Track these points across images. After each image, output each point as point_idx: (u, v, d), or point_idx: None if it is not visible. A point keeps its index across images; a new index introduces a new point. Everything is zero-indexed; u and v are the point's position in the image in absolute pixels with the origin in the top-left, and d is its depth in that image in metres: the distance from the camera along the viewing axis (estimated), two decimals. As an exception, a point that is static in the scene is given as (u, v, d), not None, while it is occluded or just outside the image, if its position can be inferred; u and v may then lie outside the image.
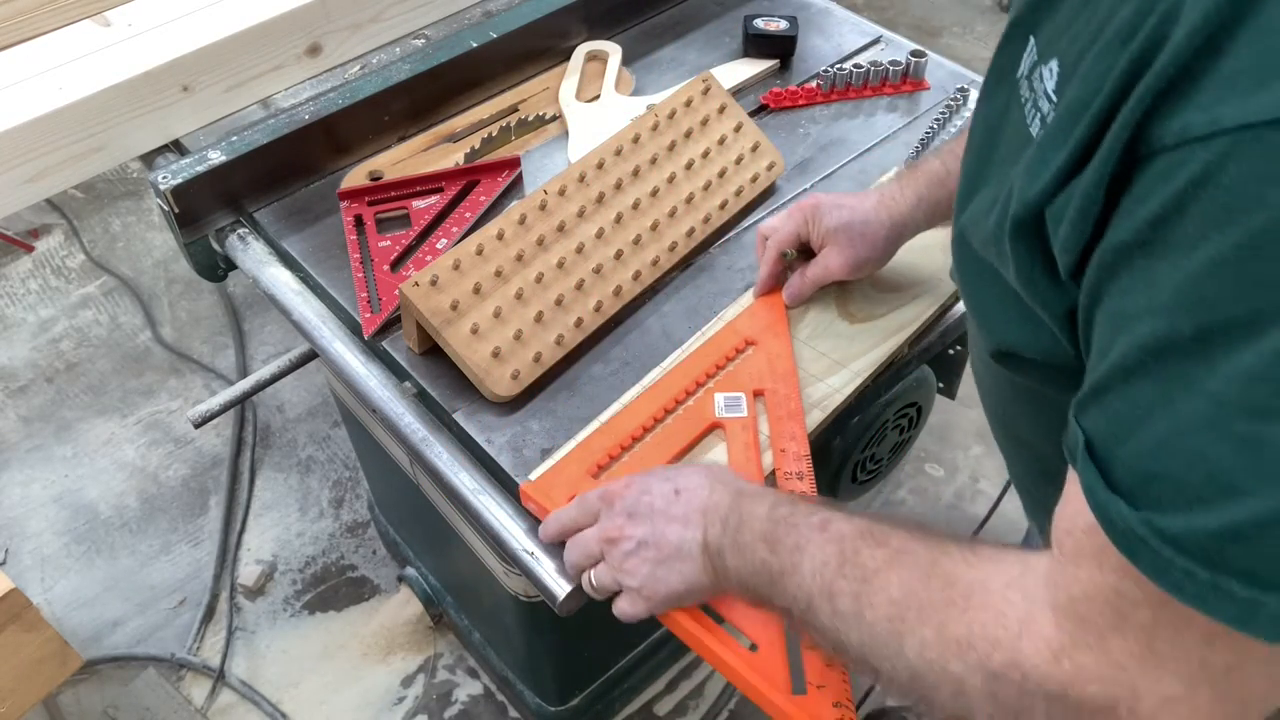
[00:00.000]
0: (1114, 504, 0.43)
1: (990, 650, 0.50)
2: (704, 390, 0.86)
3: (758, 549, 0.62)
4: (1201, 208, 0.39)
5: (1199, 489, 0.40)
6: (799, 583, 0.59)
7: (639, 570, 0.68)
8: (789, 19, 1.22)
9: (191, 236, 1.05)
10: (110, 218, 2.49)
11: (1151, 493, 0.42)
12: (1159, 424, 0.42)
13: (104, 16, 1.12)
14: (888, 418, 1.02)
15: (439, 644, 1.70)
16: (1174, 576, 0.41)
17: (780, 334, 0.91)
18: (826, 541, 0.59)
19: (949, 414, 1.95)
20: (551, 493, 0.78)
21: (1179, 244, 0.40)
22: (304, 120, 1.05)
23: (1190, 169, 0.39)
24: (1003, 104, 0.58)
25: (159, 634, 1.71)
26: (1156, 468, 0.42)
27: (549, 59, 1.23)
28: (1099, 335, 0.47)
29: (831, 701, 0.66)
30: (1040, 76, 0.51)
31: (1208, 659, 0.43)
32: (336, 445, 2.01)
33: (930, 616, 0.53)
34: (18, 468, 1.96)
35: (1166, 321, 0.41)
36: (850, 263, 0.89)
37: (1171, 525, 0.41)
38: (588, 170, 0.96)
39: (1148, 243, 0.42)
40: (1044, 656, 0.48)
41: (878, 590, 0.55)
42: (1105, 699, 0.46)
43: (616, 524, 0.70)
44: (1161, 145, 0.40)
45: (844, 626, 0.57)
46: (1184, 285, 0.40)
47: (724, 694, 1.65)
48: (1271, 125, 0.36)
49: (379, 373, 0.91)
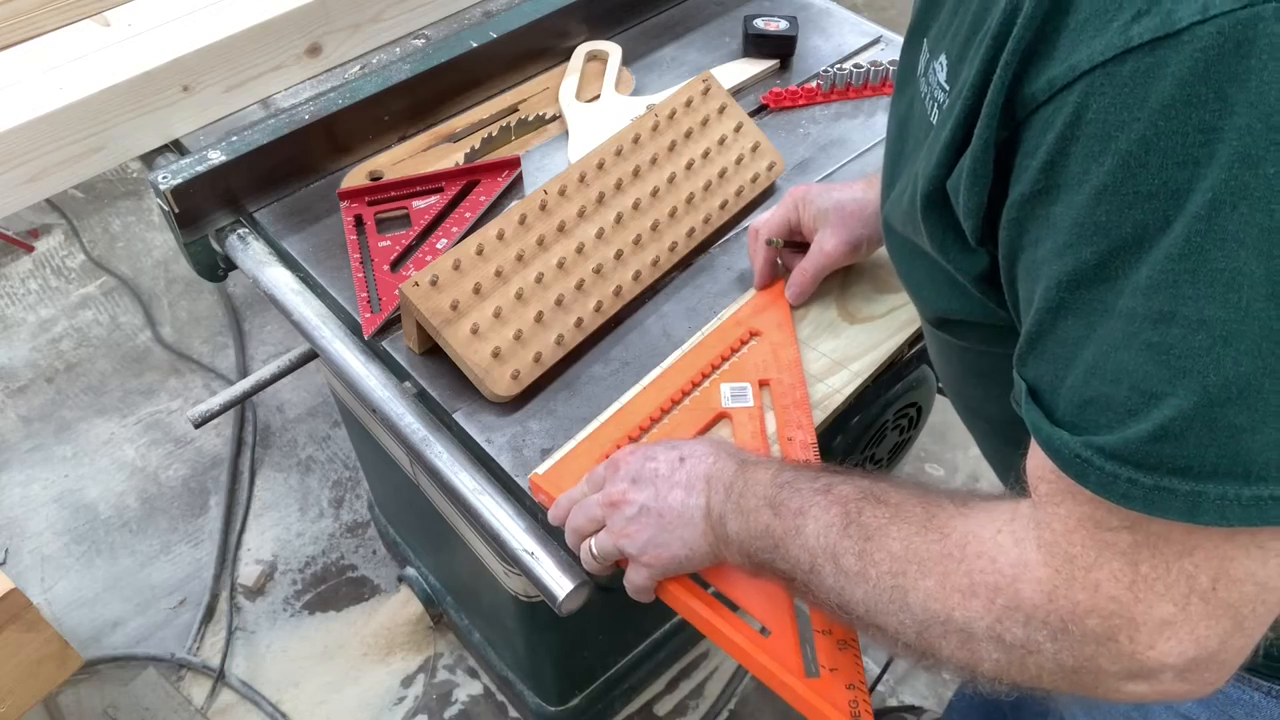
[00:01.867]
0: (1057, 435, 0.47)
1: (992, 596, 0.52)
2: (710, 381, 0.87)
3: (761, 513, 0.63)
4: (1080, 146, 0.43)
5: (1126, 402, 0.44)
6: (803, 544, 0.60)
7: (640, 535, 0.68)
8: (789, 19, 1.22)
9: (191, 236, 1.05)
10: (110, 218, 2.49)
11: (1088, 417, 0.46)
12: (1087, 353, 0.45)
13: (104, 16, 1.12)
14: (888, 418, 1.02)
15: (439, 644, 1.70)
16: (1120, 488, 0.44)
17: (784, 324, 0.91)
18: (830, 504, 0.60)
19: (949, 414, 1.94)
20: (562, 484, 0.78)
21: (1068, 183, 0.44)
22: (304, 120, 1.05)
23: (1064, 114, 0.43)
24: (908, 102, 0.63)
25: (159, 634, 1.71)
26: (1089, 393, 0.45)
27: (549, 59, 1.23)
28: (1023, 289, 0.50)
29: (845, 684, 0.66)
30: (933, 71, 0.56)
31: (1192, 574, 0.46)
32: (336, 445, 2.01)
33: (931, 568, 0.54)
34: (18, 468, 1.96)
35: (1073, 256, 0.45)
36: (845, 242, 0.89)
37: (1109, 441, 0.44)
38: (588, 170, 0.96)
39: (1043, 190, 0.46)
40: (1041, 596, 0.50)
41: (880, 548, 0.57)
42: (1105, 630, 0.48)
43: (620, 489, 0.70)
44: (1036, 101, 0.45)
45: (848, 585, 0.58)
46: (1079, 218, 0.44)
47: (724, 694, 1.65)
48: (1115, 60, 0.41)
49: (379, 373, 0.91)
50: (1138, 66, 0.40)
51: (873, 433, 1.01)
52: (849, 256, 0.90)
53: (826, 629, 0.69)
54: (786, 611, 0.71)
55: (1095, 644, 0.48)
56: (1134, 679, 0.49)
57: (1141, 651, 0.47)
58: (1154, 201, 0.41)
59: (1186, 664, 0.47)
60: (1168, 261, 0.41)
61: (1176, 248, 0.41)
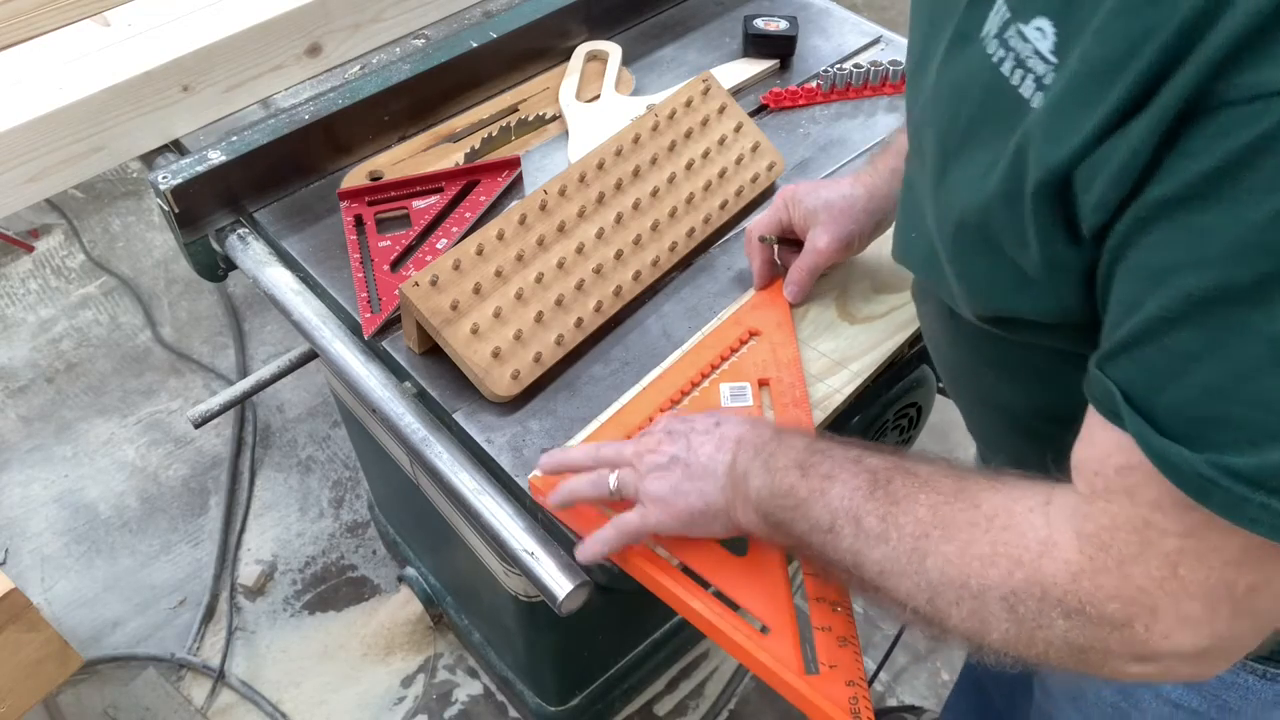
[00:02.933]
0: (1173, 449, 0.45)
1: (1012, 568, 0.52)
2: (709, 381, 0.87)
3: (789, 474, 0.64)
4: (1275, 159, 0.39)
5: (1268, 426, 0.42)
6: (825, 504, 0.61)
7: (664, 480, 0.70)
8: (789, 19, 1.22)
9: (191, 236, 1.05)
10: (110, 218, 2.49)
11: (1211, 435, 0.44)
12: (1209, 370, 0.43)
13: (104, 16, 1.12)
14: (888, 418, 1.02)
15: (439, 644, 1.70)
16: (1249, 511, 0.43)
17: (783, 324, 0.91)
18: (859, 470, 0.61)
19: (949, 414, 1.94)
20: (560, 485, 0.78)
21: (1242, 196, 0.41)
22: (304, 120, 1.05)
23: (1266, 122, 0.39)
24: (968, 67, 0.56)
25: (159, 634, 1.71)
26: (1215, 412, 0.44)
27: (549, 59, 1.23)
28: (1124, 289, 0.47)
29: (845, 681, 0.67)
30: (1021, 35, 0.50)
31: (1232, 581, 0.46)
32: (336, 445, 2.01)
33: (955, 535, 0.55)
34: (18, 468, 1.96)
35: (1219, 272, 0.42)
36: (838, 239, 0.89)
37: (1243, 464, 0.43)
38: (588, 170, 0.96)
39: (1195, 196, 0.42)
40: (1064, 575, 0.50)
41: (905, 512, 0.57)
42: (1123, 616, 0.48)
43: (655, 438, 0.73)
44: (1226, 101, 0.41)
45: (866, 547, 0.58)
46: (1244, 236, 0.41)
47: (724, 694, 1.65)
48: None
49: (379, 373, 0.91)
50: None
51: (873, 433, 1.01)
52: (842, 253, 0.91)
53: (826, 626, 0.69)
54: (786, 609, 0.71)
55: (1110, 628, 0.49)
56: (1142, 662, 0.49)
57: (1156, 640, 0.48)
58: None
59: (1198, 653, 0.48)
60: None
61: None
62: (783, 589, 0.72)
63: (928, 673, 1.69)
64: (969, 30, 0.55)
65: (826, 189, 0.90)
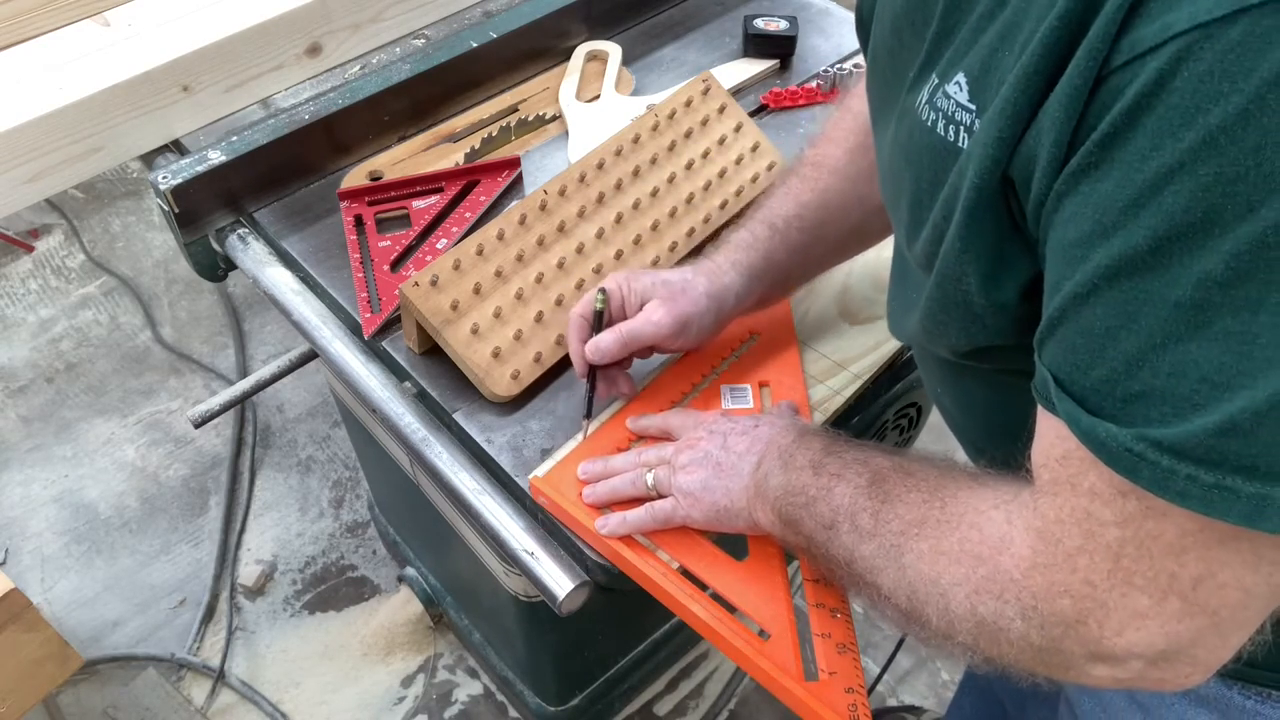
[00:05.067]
0: (1101, 427, 0.44)
1: (974, 565, 0.52)
2: (709, 382, 0.87)
3: (803, 473, 0.65)
4: (1153, 118, 0.39)
5: (1190, 395, 0.41)
6: (829, 502, 0.62)
7: (697, 474, 0.72)
8: (789, 19, 1.22)
9: (191, 236, 1.05)
10: (110, 218, 2.49)
11: (1137, 409, 0.43)
12: (1126, 343, 0.42)
13: (104, 16, 1.12)
14: (888, 418, 1.02)
15: (439, 644, 1.70)
16: (1177, 485, 0.42)
17: (783, 324, 0.91)
18: (863, 470, 0.63)
19: (949, 414, 1.95)
20: (562, 486, 0.78)
21: (1127, 160, 0.40)
22: (304, 120, 1.05)
23: (1141, 81, 0.39)
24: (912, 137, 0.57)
25: (159, 634, 1.71)
26: (1136, 385, 0.42)
27: (549, 59, 1.23)
28: (1049, 270, 0.47)
29: (844, 687, 0.67)
30: (945, 95, 0.52)
31: (1176, 573, 0.45)
32: (336, 445, 2.01)
33: (929, 532, 0.56)
34: (18, 468, 1.96)
35: (1119, 241, 0.41)
36: (674, 317, 0.78)
37: (1168, 435, 0.41)
38: (588, 170, 0.96)
39: (1094, 165, 0.42)
40: (1018, 572, 0.50)
41: (893, 510, 0.59)
42: (1074, 613, 0.48)
43: (697, 434, 0.75)
44: (1109, 68, 0.40)
45: (859, 544, 0.60)
46: (1134, 198, 0.40)
47: (724, 694, 1.65)
48: (1224, 20, 0.36)
49: (379, 373, 0.91)
50: (1252, 29, 0.36)
51: (873, 433, 1.01)
52: (674, 333, 0.79)
53: (826, 632, 0.69)
54: (786, 614, 0.71)
55: (1063, 626, 0.49)
56: (1099, 662, 0.49)
57: (1109, 638, 0.47)
58: (1240, 185, 0.37)
59: (1156, 655, 0.47)
60: (1260, 249, 0.37)
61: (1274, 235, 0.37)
62: (782, 594, 0.72)
63: (928, 673, 1.69)
64: (909, 106, 0.57)
65: (665, 273, 0.82)
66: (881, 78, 0.64)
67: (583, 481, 0.79)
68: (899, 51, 0.60)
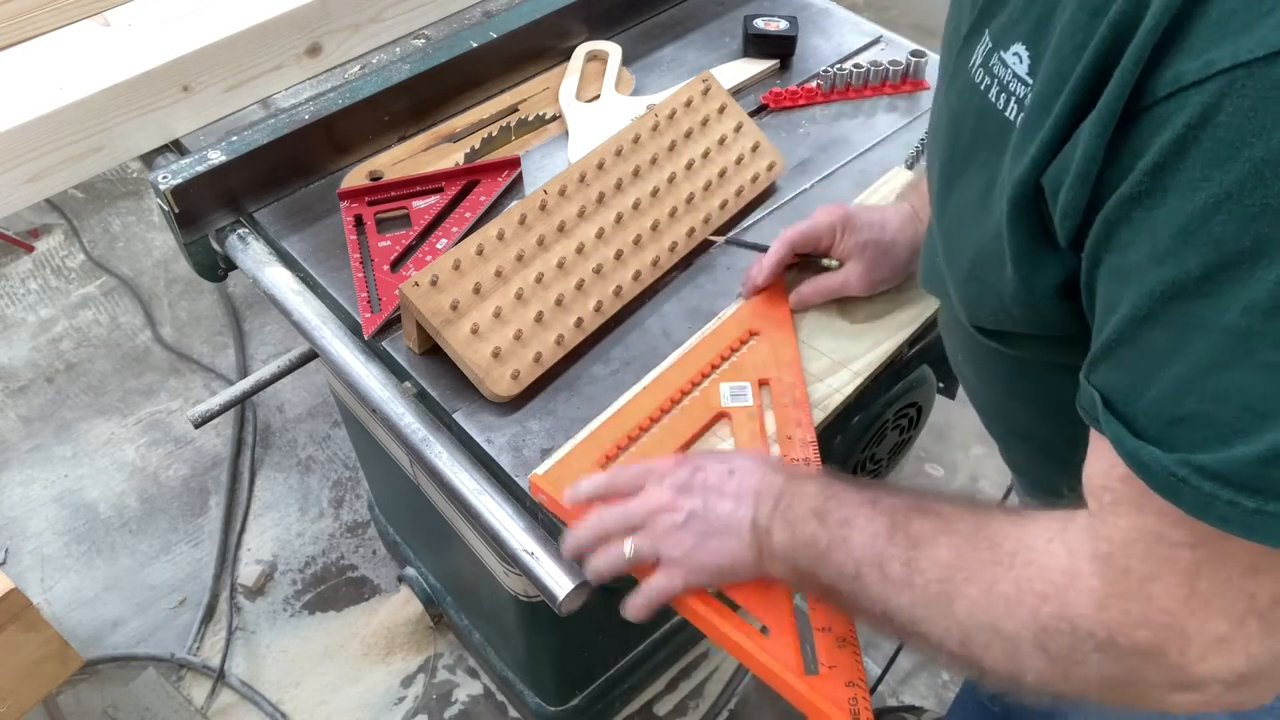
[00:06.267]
0: (1145, 450, 0.44)
1: (1038, 605, 0.51)
2: (709, 381, 0.87)
3: (808, 523, 0.63)
4: (1201, 149, 0.40)
5: (1234, 421, 0.41)
6: (848, 553, 0.60)
7: (685, 541, 0.68)
8: (789, 19, 1.22)
9: (191, 236, 1.05)
10: (110, 218, 2.49)
11: (1182, 434, 0.43)
12: (1176, 368, 0.43)
13: (104, 16, 1.12)
14: (888, 418, 1.02)
15: (439, 644, 1.70)
16: (1218, 510, 0.42)
17: (783, 324, 0.91)
18: (876, 513, 0.60)
19: (949, 414, 1.95)
20: (561, 484, 0.78)
21: (1178, 188, 0.41)
22: (304, 120, 1.05)
23: (1187, 113, 0.40)
24: (959, 97, 0.60)
25: (159, 634, 1.71)
26: (1183, 410, 0.43)
27: (549, 59, 1.23)
28: (1103, 294, 0.48)
29: (844, 681, 0.67)
30: (1002, 62, 0.53)
31: (1254, 593, 0.45)
32: (336, 445, 2.01)
33: (978, 576, 0.53)
34: (18, 468, 1.96)
35: (1171, 267, 0.42)
36: (870, 283, 0.90)
37: (1210, 461, 0.42)
38: (588, 170, 0.96)
39: (1146, 193, 0.43)
40: (1090, 605, 0.49)
41: (927, 555, 0.56)
42: (1153, 643, 0.47)
43: (667, 496, 0.70)
44: (1154, 98, 0.42)
45: (893, 593, 0.57)
46: (1187, 227, 0.41)
47: (724, 694, 1.65)
48: (1265, 61, 0.38)
49: (379, 373, 0.91)
50: None
51: (873, 432, 1.01)
52: (867, 293, 0.91)
53: (826, 627, 0.69)
54: (786, 610, 0.71)
55: (1142, 657, 0.47)
56: (1182, 690, 0.48)
57: (1191, 665, 0.46)
58: None
59: (1236, 678, 0.46)
60: None
61: None
62: (782, 589, 0.72)
63: (929, 673, 1.69)
64: (961, 64, 0.58)
65: (879, 226, 0.89)
66: (948, 36, 0.64)
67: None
68: (958, 5, 0.61)
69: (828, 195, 1.07)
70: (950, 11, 0.64)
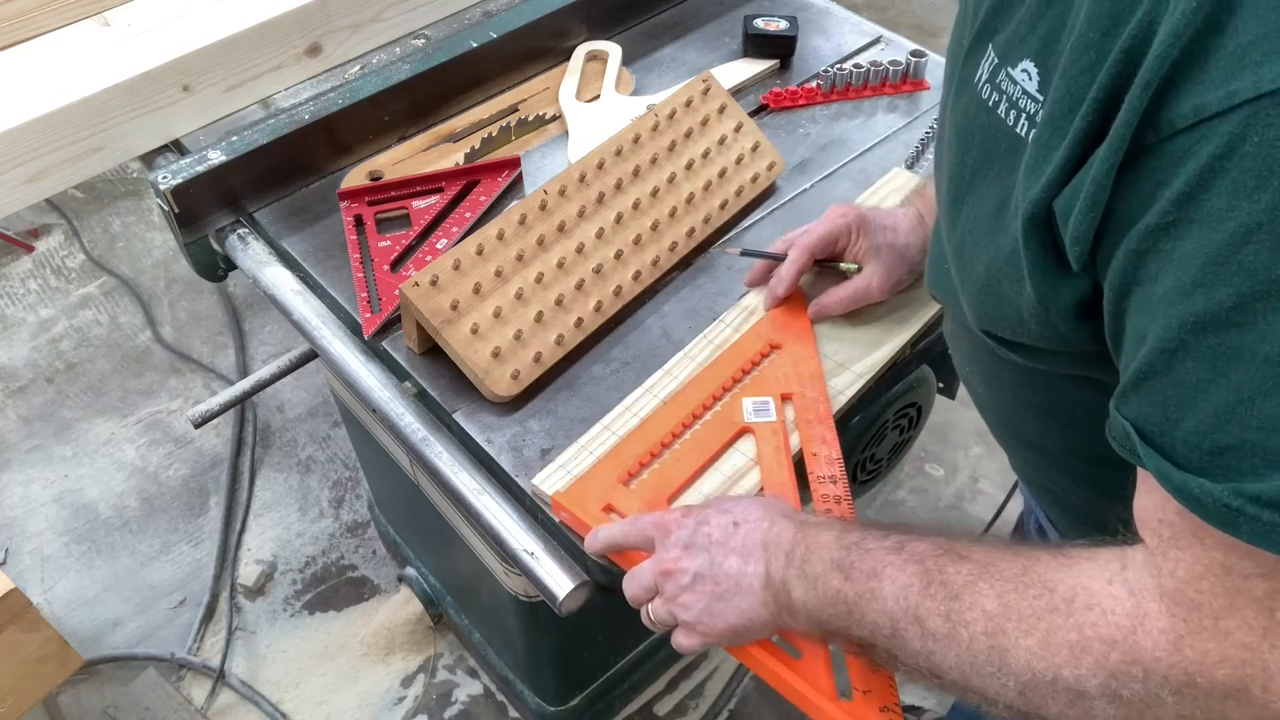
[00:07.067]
0: (1194, 482, 0.44)
1: (1106, 651, 0.49)
2: (731, 395, 0.86)
3: (830, 578, 0.59)
4: (1228, 179, 0.40)
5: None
6: (880, 608, 0.57)
7: (694, 604, 0.66)
8: (789, 19, 1.22)
9: (191, 236, 1.05)
10: (110, 218, 2.49)
11: (1228, 464, 0.43)
12: (1214, 398, 0.43)
13: (104, 16, 1.12)
14: (888, 418, 1.02)
15: (439, 644, 1.70)
16: (1279, 536, 0.41)
17: (804, 336, 0.91)
18: (905, 563, 0.57)
19: (949, 414, 1.95)
20: (584, 502, 0.77)
21: (1205, 220, 0.41)
22: (304, 120, 1.05)
23: (1212, 144, 0.40)
24: (964, 111, 0.59)
25: (159, 634, 1.71)
26: (1225, 439, 0.43)
27: (549, 59, 1.23)
28: (1133, 325, 0.47)
29: (879, 706, 0.65)
30: (1011, 79, 0.53)
31: None
32: (336, 445, 2.01)
33: (1034, 625, 0.51)
34: (18, 468, 1.96)
35: (1202, 298, 0.42)
36: (891, 286, 0.89)
37: (1265, 489, 0.41)
38: (588, 170, 0.96)
39: (1173, 224, 0.43)
40: (1164, 648, 0.47)
41: (970, 606, 0.53)
42: (1235, 681, 0.45)
43: (672, 556, 0.67)
44: (1175, 127, 0.42)
45: (937, 649, 0.55)
46: (1216, 258, 0.41)
47: (724, 694, 1.65)
48: None
49: (379, 373, 0.91)
50: None
51: (873, 433, 1.01)
52: (887, 296, 0.90)
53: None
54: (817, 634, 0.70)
55: (1223, 696, 0.46)
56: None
57: (1275, 701, 0.45)
58: None
59: None
60: None
61: None
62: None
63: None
64: (966, 78, 0.58)
65: (892, 230, 0.88)
66: (952, 48, 0.63)
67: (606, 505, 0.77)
68: (962, 17, 0.61)
69: (827, 195, 1.07)
70: (955, 26, 0.64)
